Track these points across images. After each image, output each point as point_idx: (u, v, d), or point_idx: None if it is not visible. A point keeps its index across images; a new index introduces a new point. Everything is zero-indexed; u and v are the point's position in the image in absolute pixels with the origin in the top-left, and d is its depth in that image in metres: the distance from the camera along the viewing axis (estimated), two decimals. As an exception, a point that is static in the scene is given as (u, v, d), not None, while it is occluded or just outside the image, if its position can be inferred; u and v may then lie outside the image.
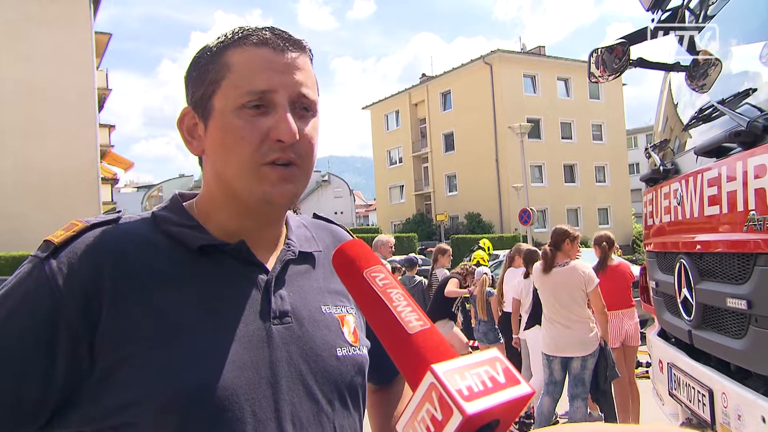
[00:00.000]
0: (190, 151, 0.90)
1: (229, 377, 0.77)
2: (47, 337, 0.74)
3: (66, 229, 0.82)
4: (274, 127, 0.82)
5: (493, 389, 0.49)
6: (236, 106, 0.82)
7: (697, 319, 2.66)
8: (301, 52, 0.87)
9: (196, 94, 0.86)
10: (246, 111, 0.82)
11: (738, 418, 2.16)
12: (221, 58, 0.85)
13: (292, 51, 0.86)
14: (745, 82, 2.45)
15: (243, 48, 0.84)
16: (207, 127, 0.86)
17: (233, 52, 0.84)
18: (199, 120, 0.87)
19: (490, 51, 34.57)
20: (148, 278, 0.79)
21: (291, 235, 0.95)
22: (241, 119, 0.82)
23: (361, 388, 0.93)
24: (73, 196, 20.38)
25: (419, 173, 41.11)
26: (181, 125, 0.89)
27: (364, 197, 79.34)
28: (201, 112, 0.86)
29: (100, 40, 23.93)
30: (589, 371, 4.69)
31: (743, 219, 2.13)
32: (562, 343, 4.69)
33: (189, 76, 0.89)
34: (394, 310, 0.59)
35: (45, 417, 0.75)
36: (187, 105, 0.89)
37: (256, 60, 0.83)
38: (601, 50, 3.13)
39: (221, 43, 0.86)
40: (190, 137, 0.89)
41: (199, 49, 0.89)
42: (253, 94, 0.82)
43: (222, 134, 0.84)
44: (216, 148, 0.85)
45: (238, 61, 0.84)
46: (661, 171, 3.08)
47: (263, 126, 0.82)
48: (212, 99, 0.84)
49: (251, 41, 0.84)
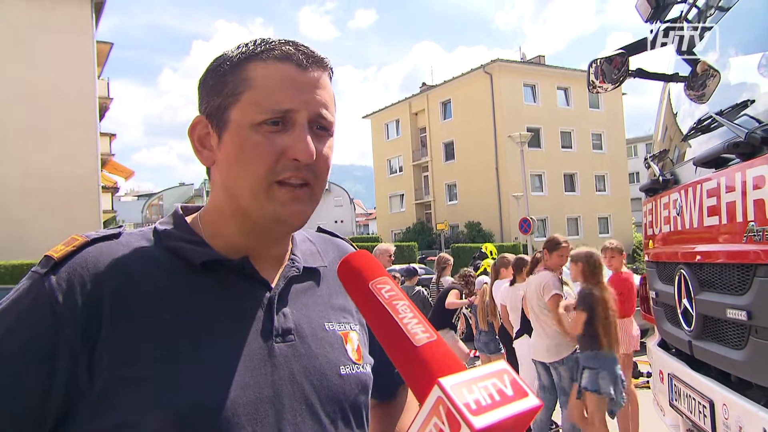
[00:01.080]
0: (199, 161, 0.88)
1: (230, 397, 0.76)
2: (46, 355, 0.73)
3: (66, 243, 0.81)
4: (292, 146, 0.80)
5: (501, 402, 0.48)
6: (255, 122, 0.80)
7: (697, 330, 2.65)
8: (323, 70, 0.85)
9: (212, 104, 0.84)
10: (264, 127, 0.80)
11: (739, 429, 2.15)
12: (242, 70, 0.82)
13: (315, 69, 0.84)
14: (744, 93, 2.46)
15: (265, 62, 0.82)
16: (221, 139, 0.83)
17: (255, 65, 0.82)
18: (213, 131, 0.85)
19: (490, 60, 34.66)
20: (149, 295, 0.78)
21: (296, 250, 0.93)
22: (259, 135, 0.80)
23: (365, 407, 0.91)
24: (74, 204, 20.39)
25: (419, 182, 41.12)
26: (192, 133, 0.87)
27: (365, 206, 79.33)
28: (215, 122, 0.84)
29: (102, 49, 24.03)
30: (565, 379, 4.72)
31: (742, 230, 2.12)
32: (537, 348, 4.85)
33: (204, 83, 0.86)
34: (400, 322, 0.59)
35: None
36: (199, 114, 0.87)
37: (278, 76, 0.81)
38: (600, 60, 3.14)
39: (242, 54, 0.83)
40: (201, 147, 0.87)
41: (216, 57, 0.86)
42: (274, 113, 0.80)
43: (238, 149, 0.81)
44: (230, 162, 0.83)
45: (260, 76, 0.81)
46: (661, 181, 3.09)
47: (281, 144, 0.80)
48: (229, 111, 0.82)
49: (274, 55, 0.82)
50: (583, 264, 4.21)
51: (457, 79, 36.71)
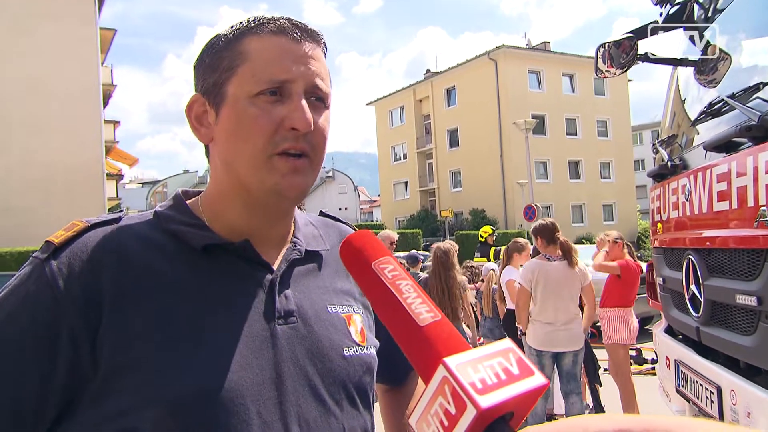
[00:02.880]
0: (198, 139, 0.88)
1: (233, 378, 0.76)
2: (48, 340, 0.73)
3: (66, 229, 0.81)
4: (289, 115, 0.81)
5: (507, 381, 0.47)
6: (252, 94, 0.81)
7: (705, 316, 2.64)
8: (317, 44, 0.86)
9: (208, 81, 0.85)
10: (261, 98, 0.81)
11: (747, 415, 2.15)
12: (237, 45, 0.83)
13: (309, 42, 0.85)
14: (756, 76, 2.42)
15: (260, 36, 0.83)
16: (219, 115, 0.84)
17: (250, 39, 0.83)
18: (210, 107, 0.85)
19: (495, 47, 34.47)
20: (151, 279, 0.78)
21: (298, 233, 0.93)
22: (256, 107, 0.81)
23: (370, 388, 0.91)
24: (78, 191, 20.45)
25: (424, 169, 41.08)
26: (189, 112, 0.87)
27: (369, 193, 79.35)
28: (213, 99, 0.85)
29: (105, 36, 23.98)
30: (579, 366, 4.77)
31: (753, 215, 2.10)
32: (554, 338, 4.73)
33: (200, 62, 0.87)
34: (404, 302, 0.57)
35: (47, 422, 0.73)
36: (196, 92, 0.87)
37: (273, 48, 0.82)
38: (608, 45, 3.11)
39: (237, 31, 0.85)
40: (199, 124, 0.87)
41: (211, 37, 0.88)
42: (271, 83, 0.81)
43: (235, 121, 0.82)
44: (228, 136, 0.83)
45: (255, 49, 0.82)
46: (669, 166, 3.06)
47: (278, 114, 0.81)
48: (226, 85, 0.83)
49: (269, 29, 0.83)
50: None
51: (462, 66, 36.53)
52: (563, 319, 4.69)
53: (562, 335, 4.70)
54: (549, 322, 4.73)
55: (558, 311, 4.70)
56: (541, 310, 4.78)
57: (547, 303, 4.74)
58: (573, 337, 4.70)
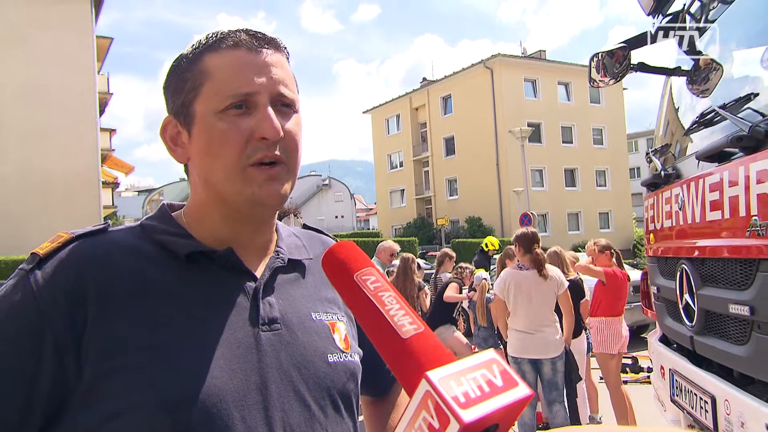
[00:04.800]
0: (175, 159, 0.90)
1: (216, 384, 0.76)
2: (32, 348, 0.73)
3: (51, 241, 0.82)
4: (257, 125, 0.82)
5: (490, 394, 0.47)
6: (218, 110, 0.82)
7: (699, 325, 2.64)
8: (276, 50, 0.87)
9: (176, 102, 0.87)
10: (228, 113, 0.82)
11: (741, 425, 2.14)
12: (198, 64, 0.85)
13: (267, 49, 0.86)
14: (747, 86, 2.44)
15: (218, 52, 0.84)
16: (191, 134, 0.86)
17: (209, 56, 0.84)
18: (182, 128, 0.87)
19: (491, 55, 34.61)
20: (135, 286, 0.79)
21: (281, 242, 0.95)
22: (224, 122, 0.82)
23: (354, 395, 0.92)
24: (74, 200, 20.40)
25: (420, 177, 41.13)
26: (164, 134, 0.89)
27: (365, 201, 79.38)
28: (183, 119, 0.86)
29: (102, 44, 24.01)
30: (560, 374, 4.73)
31: (745, 224, 2.11)
32: (530, 345, 4.74)
33: (168, 85, 0.89)
34: (386, 314, 0.58)
35: (35, 430, 0.74)
36: (168, 114, 0.89)
37: (233, 62, 0.83)
38: (601, 55, 3.12)
39: (196, 50, 0.86)
40: (174, 146, 0.89)
41: (175, 59, 0.89)
42: (234, 98, 0.82)
43: (206, 138, 0.83)
44: (201, 154, 0.85)
45: (215, 65, 0.84)
46: (663, 176, 3.07)
47: (246, 126, 0.82)
48: (193, 105, 0.84)
49: (226, 44, 0.85)
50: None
51: (458, 74, 36.67)
52: (535, 325, 4.71)
53: (535, 342, 4.71)
54: (521, 330, 4.76)
55: (529, 318, 4.73)
56: (514, 318, 4.83)
57: (519, 311, 4.79)
58: (548, 345, 4.70)
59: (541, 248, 4.89)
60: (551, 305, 4.77)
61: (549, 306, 4.76)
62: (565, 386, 4.80)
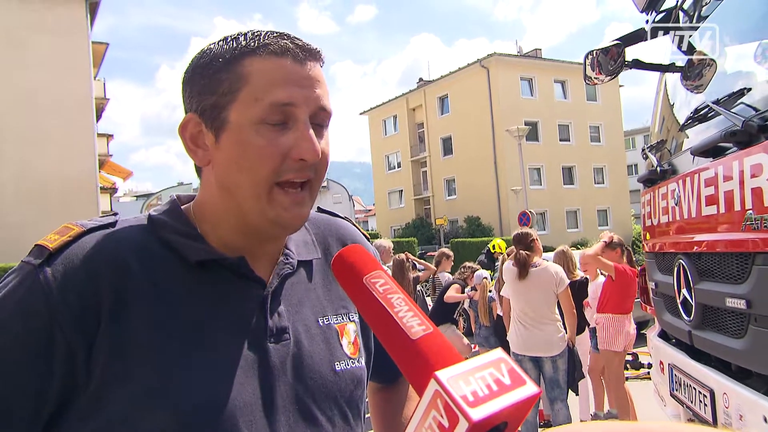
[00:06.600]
0: (193, 160, 0.85)
1: (225, 398, 0.75)
2: (42, 349, 0.71)
3: (60, 233, 0.78)
4: (296, 145, 0.78)
5: (498, 392, 0.48)
6: (256, 121, 0.78)
7: (696, 320, 2.65)
8: (318, 62, 0.83)
9: (205, 102, 0.80)
10: (266, 127, 0.78)
11: (740, 418, 2.16)
12: (237, 66, 0.79)
13: (311, 62, 0.81)
14: (740, 81, 2.45)
15: (261, 57, 0.79)
16: (219, 140, 0.80)
17: (251, 60, 0.79)
18: (207, 130, 0.81)
19: (487, 54, 34.59)
20: (147, 291, 0.76)
21: (290, 243, 0.91)
22: (261, 136, 0.77)
23: (361, 401, 0.91)
24: (72, 205, 20.35)
25: (418, 178, 41.11)
26: (183, 132, 0.84)
27: (364, 202, 79.27)
28: (210, 122, 0.80)
29: (98, 49, 23.96)
30: (562, 372, 4.73)
31: (740, 218, 2.12)
32: (530, 343, 4.77)
33: (192, 82, 0.83)
34: (395, 316, 0.59)
35: (39, 429, 0.73)
36: (190, 112, 0.83)
37: (276, 70, 0.78)
38: (596, 52, 3.13)
39: (235, 50, 0.80)
40: (195, 146, 0.83)
41: (202, 53, 0.83)
42: (275, 107, 0.77)
43: (239, 150, 0.78)
44: (229, 163, 0.80)
45: (257, 71, 0.78)
46: (659, 172, 3.09)
47: (285, 144, 0.78)
48: (227, 110, 0.79)
49: (271, 49, 0.79)
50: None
51: (454, 74, 36.65)
52: (530, 318, 4.75)
53: (535, 339, 4.74)
54: (518, 322, 4.85)
55: (523, 311, 4.80)
56: (512, 311, 4.97)
57: (515, 304, 4.90)
58: (549, 343, 4.71)
59: (540, 246, 4.93)
60: (549, 303, 4.77)
61: (547, 303, 4.76)
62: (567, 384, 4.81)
